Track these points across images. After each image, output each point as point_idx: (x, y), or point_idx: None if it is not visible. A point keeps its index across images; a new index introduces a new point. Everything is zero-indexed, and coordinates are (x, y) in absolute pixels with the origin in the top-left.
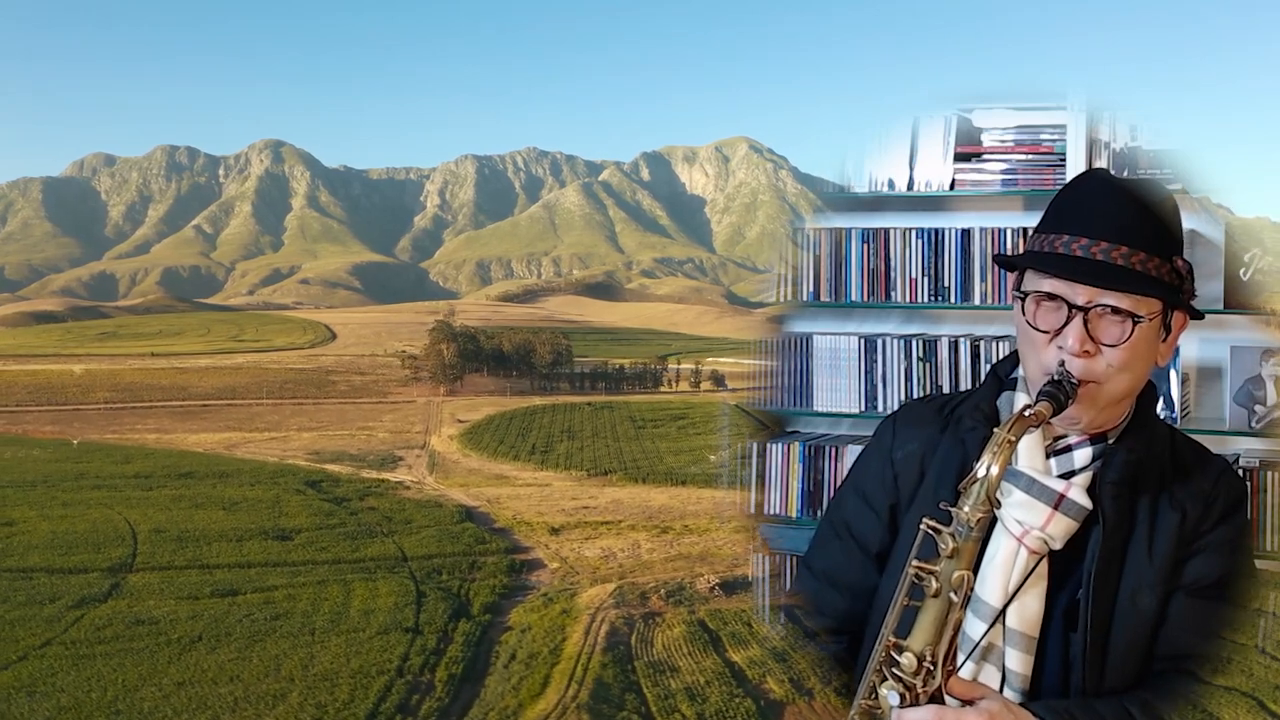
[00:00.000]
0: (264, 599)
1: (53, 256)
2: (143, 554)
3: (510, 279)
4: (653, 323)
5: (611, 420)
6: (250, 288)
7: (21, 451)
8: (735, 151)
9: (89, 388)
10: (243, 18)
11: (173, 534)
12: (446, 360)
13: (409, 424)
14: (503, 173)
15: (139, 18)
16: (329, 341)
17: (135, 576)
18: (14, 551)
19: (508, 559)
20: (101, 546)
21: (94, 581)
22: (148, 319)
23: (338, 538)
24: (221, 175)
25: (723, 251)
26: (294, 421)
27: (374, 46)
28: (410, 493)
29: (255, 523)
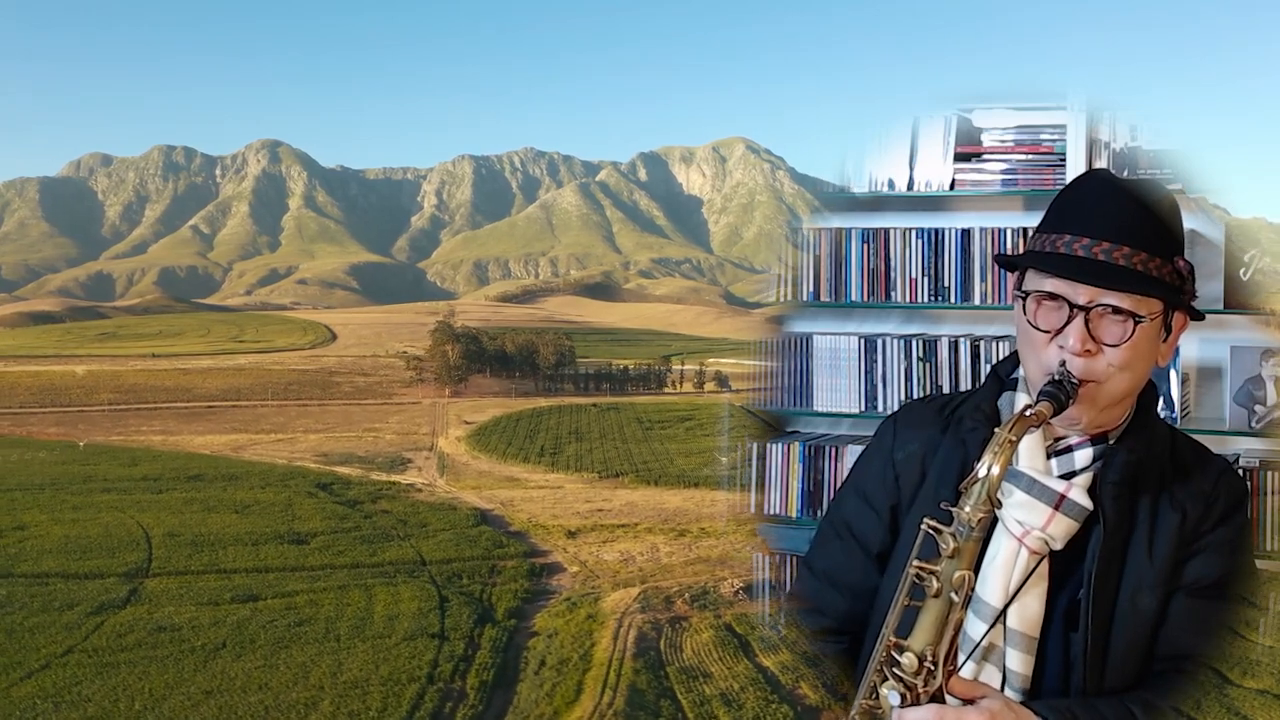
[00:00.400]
0: (285, 604)
1: (49, 256)
2: (158, 558)
3: (508, 279)
4: (651, 323)
5: (619, 422)
6: (248, 288)
7: (28, 454)
8: (732, 152)
9: (92, 389)
10: (240, 18)
11: (186, 538)
12: (451, 361)
13: (415, 425)
14: (500, 173)
15: (137, 18)
16: (329, 342)
17: (153, 582)
18: (27, 556)
19: (527, 563)
20: (116, 551)
21: (111, 587)
22: (148, 319)
23: (354, 541)
24: (219, 175)
25: (720, 252)
26: (300, 423)
27: (371, 47)
28: (422, 495)
29: (269, 526)
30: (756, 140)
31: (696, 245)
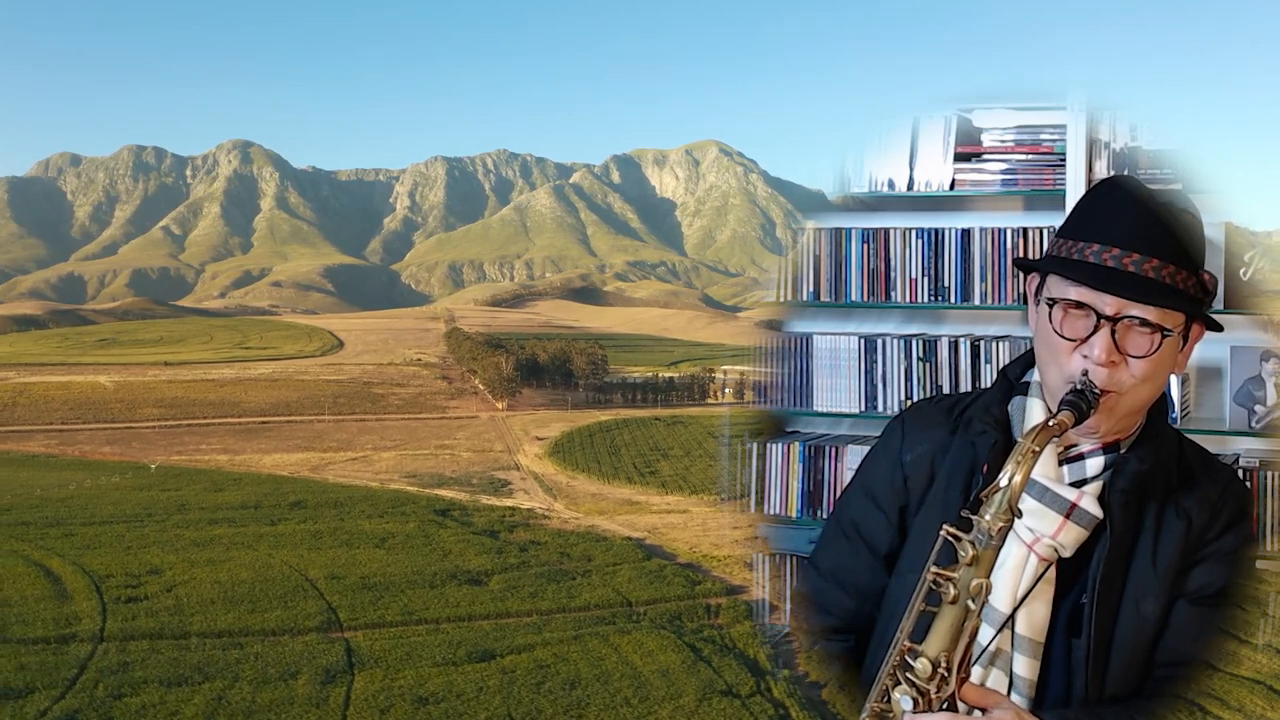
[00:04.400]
0: (531, 660)
1: (19, 258)
2: (344, 608)
3: (483, 282)
4: (644, 328)
5: (694, 436)
6: (222, 290)
7: (101, 478)
8: (705, 155)
9: (132, 403)
10: (209, 17)
11: (352, 581)
12: (505, 374)
13: (487, 442)
14: (473, 174)
15: (105, 17)
16: (338, 349)
17: (360, 638)
18: (190, 608)
19: (735, 600)
20: (288, 599)
21: (318, 647)
22: (147, 325)
23: (535, 580)
24: (189, 176)
25: (694, 255)
26: (364, 440)
27: (342, 47)
28: (553, 522)
29: (428, 563)
30: (729, 143)
31: (671, 248)
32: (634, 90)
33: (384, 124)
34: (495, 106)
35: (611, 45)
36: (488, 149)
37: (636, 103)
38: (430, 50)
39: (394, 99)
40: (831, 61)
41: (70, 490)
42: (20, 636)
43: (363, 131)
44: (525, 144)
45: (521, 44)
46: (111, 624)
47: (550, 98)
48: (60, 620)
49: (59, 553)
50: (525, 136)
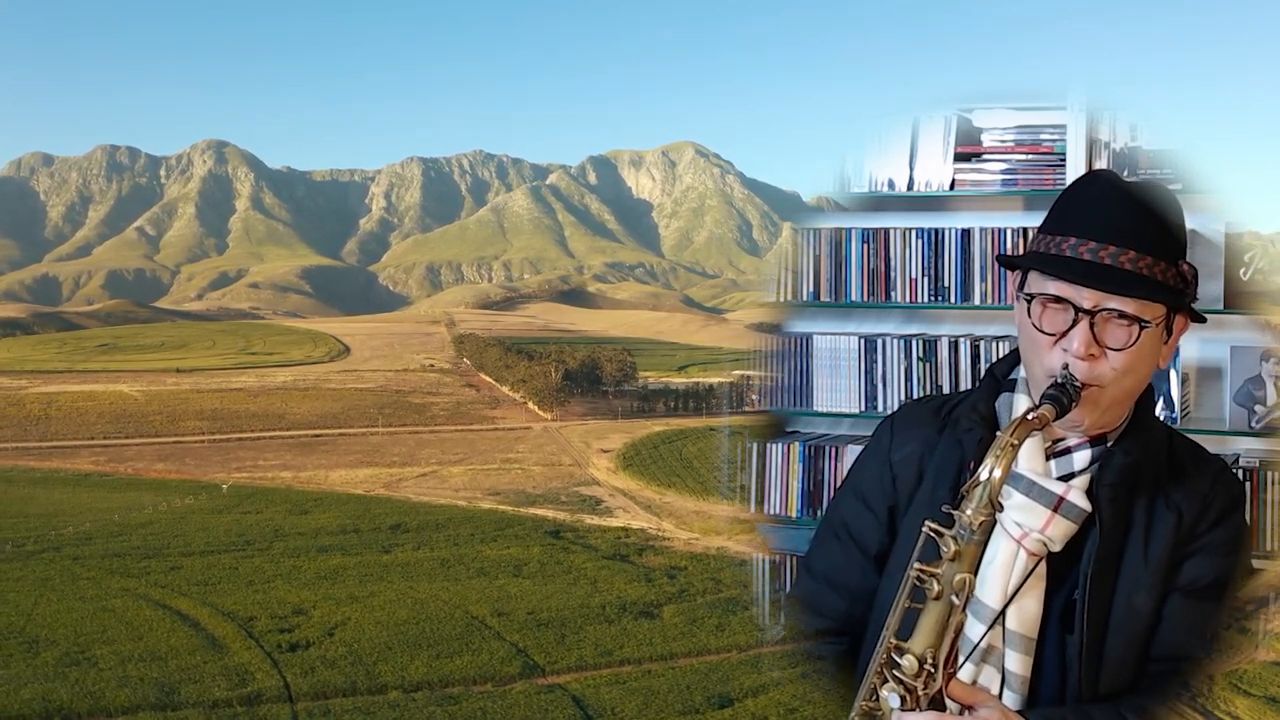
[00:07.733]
0: (771, 702)
1: None
2: (534, 649)
3: (461, 284)
4: (638, 331)
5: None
6: (199, 291)
7: (173, 500)
8: (682, 156)
9: (171, 415)
10: (183, 17)
11: (518, 618)
12: (554, 383)
13: (551, 455)
14: (449, 175)
15: (78, 16)
16: (345, 354)
17: (574, 684)
18: (368, 656)
19: None
20: (468, 641)
21: (538, 699)
22: (144, 329)
23: (707, 610)
24: (163, 176)
25: (671, 256)
26: (426, 454)
27: (317, 47)
28: (676, 544)
29: (585, 594)
30: (706, 144)
31: (648, 249)
32: (610, 91)
33: (359, 124)
34: (471, 107)
35: (587, 46)
36: (463, 149)
37: (612, 104)
38: (405, 50)
39: (368, 99)
40: (811, 62)
41: (148, 514)
42: (198, 699)
43: (338, 131)
44: (501, 145)
45: (496, 45)
46: (293, 679)
47: (526, 99)
48: (231, 676)
49: (179, 590)
50: (501, 137)
